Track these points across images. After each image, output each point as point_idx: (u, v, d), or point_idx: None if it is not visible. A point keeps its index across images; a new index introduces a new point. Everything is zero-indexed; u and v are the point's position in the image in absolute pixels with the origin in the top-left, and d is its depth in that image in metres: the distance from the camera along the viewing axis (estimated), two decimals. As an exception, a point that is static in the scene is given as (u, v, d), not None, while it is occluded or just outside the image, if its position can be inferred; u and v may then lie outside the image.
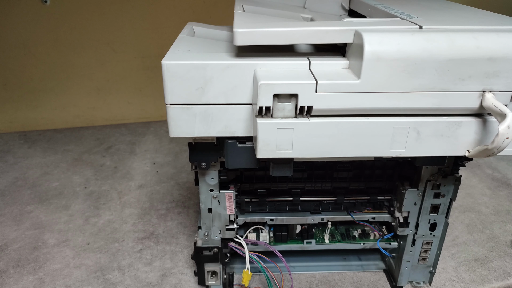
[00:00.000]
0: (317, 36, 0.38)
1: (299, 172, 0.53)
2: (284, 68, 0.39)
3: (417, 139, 0.40)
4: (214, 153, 0.46)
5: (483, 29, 0.38)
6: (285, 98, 0.37)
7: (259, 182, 0.54)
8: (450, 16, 0.45)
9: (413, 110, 0.39)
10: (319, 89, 0.37)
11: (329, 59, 0.40)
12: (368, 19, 0.43)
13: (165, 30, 0.47)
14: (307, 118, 0.38)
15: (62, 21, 1.00)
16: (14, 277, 0.58)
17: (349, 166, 0.53)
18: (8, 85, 1.04)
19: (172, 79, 0.39)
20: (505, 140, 0.36)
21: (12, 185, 0.82)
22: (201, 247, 0.53)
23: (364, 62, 0.36)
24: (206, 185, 0.50)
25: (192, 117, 0.41)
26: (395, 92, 0.37)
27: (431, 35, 0.37)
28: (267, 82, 0.36)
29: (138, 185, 0.83)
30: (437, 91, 0.38)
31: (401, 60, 0.36)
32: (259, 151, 0.39)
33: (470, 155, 0.40)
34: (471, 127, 0.39)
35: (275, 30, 0.38)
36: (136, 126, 1.12)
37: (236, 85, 0.39)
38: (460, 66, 0.37)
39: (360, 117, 0.39)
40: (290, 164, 0.43)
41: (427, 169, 0.50)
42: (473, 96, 0.38)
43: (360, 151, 0.40)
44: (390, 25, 0.40)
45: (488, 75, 0.37)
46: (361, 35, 0.36)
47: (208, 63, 0.38)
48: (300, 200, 0.54)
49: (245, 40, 0.38)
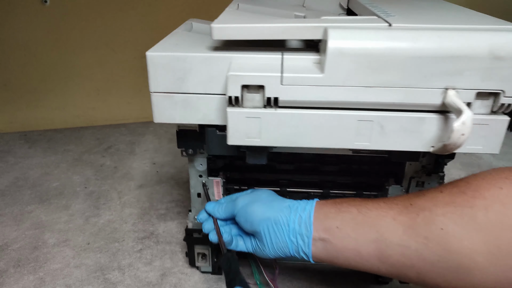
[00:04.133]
0: (289, 32, 0.41)
1: (287, 164, 0.55)
2: (257, 62, 0.42)
3: (381, 133, 0.41)
4: (198, 140, 0.49)
5: (451, 28, 0.40)
6: (254, 89, 0.41)
7: (248, 172, 0.56)
8: (431, 16, 0.47)
9: (377, 105, 0.41)
10: (284, 81, 0.39)
11: (302, 54, 0.42)
12: (343, 17, 0.45)
13: (165, 30, 0.48)
14: (274, 109, 0.41)
15: (62, 21, 1.01)
16: (14, 277, 0.59)
17: (336, 160, 0.55)
18: (8, 85, 1.04)
19: (155, 69, 0.42)
20: (461, 136, 0.37)
21: (13, 185, 0.83)
22: (192, 229, 0.56)
23: (327, 57, 0.38)
24: (195, 171, 0.53)
25: (174, 104, 0.44)
26: (358, 86, 0.39)
27: (395, 32, 0.39)
28: (235, 73, 0.40)
29: (138, 185, 0.83)
30: (400, 87, 0.39)
31: (364, 56, 0.38)
32: (229, 138, 0.42)
33: (434, 151, 0.41)
34: (435, 124, 0.41)
35: (248, 26, 0.41)
36: (136, 126, 1.13)
37: (213, 76, 0.42)
38: (422, 63, 0.38)
39: (325, 110, 0.41)
40: (264, 153, 0.46)
41: (411, 166, 0.51)
42: (436, 93, 0.39)
43: (325, 142, 0.42)
44: (362, 22, 0.42)
45: (451, 73, 0.38)
46: (327, 31, 0.39)
47: (187, 55, 0.42)
48: (287, 191, 0.55)
49: (221, 34, 0.41)
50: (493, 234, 0.35)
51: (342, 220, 0.42)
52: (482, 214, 0.35)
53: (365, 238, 0.40)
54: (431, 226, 0.37)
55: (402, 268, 0.39)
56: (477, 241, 0.35)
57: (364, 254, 0.41)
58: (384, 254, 0.40)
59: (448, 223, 0.36)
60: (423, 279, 0.39)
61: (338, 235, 0.42)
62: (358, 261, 0.41)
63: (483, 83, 0.38)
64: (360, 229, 0.41)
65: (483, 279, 0.35)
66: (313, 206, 0.44)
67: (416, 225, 0.38)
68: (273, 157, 0.55)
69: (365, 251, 0.40)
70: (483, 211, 0.35)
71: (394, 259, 0.39)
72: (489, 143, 0.41)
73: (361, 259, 0.41)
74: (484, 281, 0.35)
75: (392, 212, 0.40)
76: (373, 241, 0.40)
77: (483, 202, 0.36)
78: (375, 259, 0.40)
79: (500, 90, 0.39)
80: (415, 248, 0.38)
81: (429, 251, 0.37)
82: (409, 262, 0.38)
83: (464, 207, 0.36)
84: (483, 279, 0.35)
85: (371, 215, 0.41)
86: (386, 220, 0.40)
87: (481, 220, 0.35)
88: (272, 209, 0.45)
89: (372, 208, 0.41)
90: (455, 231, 0.36)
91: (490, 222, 0.35)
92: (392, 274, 0.41)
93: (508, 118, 0.40)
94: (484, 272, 0.35)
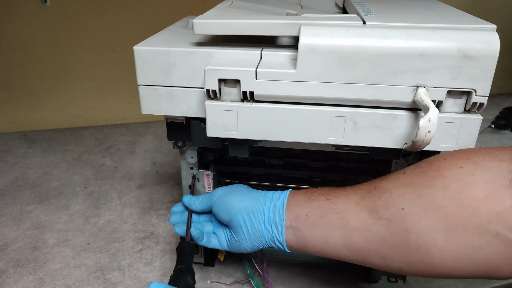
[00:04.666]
0: (266, 28, 0.43)
1: (276, 159, 0.57)
2: (237, 57, 0.44)
3: (354, 129, 0.43)
4: (186, 132, 0.51)
5: (423, 27, 0.41)
6: (231, 83, 0.43)
7: (239, 166, 0.58)
8: (412, 15, 0.48)
9: (349, 101, 0.42)
10: (259, 76, 0.42)
11: (281, 50, 0.44)
12: (323, 15, 0.47)
13: (165, 30, 0.49)
14: (251, 103, 0.43)
15: (62, 21, 1.02)
16: (14, 277, 0.59)
17: (324, 157, 0.56)
18: (8, 85, 1.05)
19: (141, 63, 0.45)
20: (427, 133, 0.39)
21: (12, 185, 0.83)
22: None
23: (299, 53, 0.40)
24: (186, 163, 0.55)
25: (159, 97, 0.47)
26: (329, 82, 0.41)
27: (366, 30, 0.40)
28: (212, 67, 0.42)
29: (138, 185, 0.84)
30: (371, 83, 0.41)
31: (334, 53, 0.40)
32: (208, 130, 0.45)
33: (407, 148, 0.42)
34: (407, 121, 0.42)
35: (226, 22, 0.43)
36: (136, 126, 1.14)
37: (196, 70, 0.44)
38: (392, 60, 0.39)
39: (299, 105, 0.43)
40: (245, 146, 0.48)
41: (397, 164, 0.52)
42: (407, 90, 0.41)
43: (300, 137, 0.44)
44: (338, 20, 0.43)
45: (420, 70, 0.39)
46: (300, 28, 0.41)
47: (171, 49, 0.44)
48: (276, 185, 0.57)
49: (202, 30, 0.44)
50: (451, 211, 0.36)
51: (310, 208, 0.43)
52: (440, 193, 0.36)
53: (331, 225, 0.42)
54: (391, 208, 0.38)
55: (367, 253, 0.41)
56: (435, 220, 0.36)
57: (331, 242, 0.42)
58: (349, 241, 0.41)
59: (406, 203, 0.38)
60: (387, 264, 0.40)
61: (306, 222, 0.43)
62: (326, 249, 0.43)
63: (453, 81, 0.40)
64: (327, 217, 0.42)
65: (443, 259, 0.37)
66: (286, 195, 0.46)
67: (377, 208, 0.39)
68: (263, 151, 0.57)
69: (332, 238, 0.42)
70: (442, 190, 0.36)
71: (359, 245, 0.41)
72: (463, 141, 0.42)
73: (328, 247, 0.43)
74: (444, 261, 0.37)
75: (357, 197, 0.42)
76: (338, 228, 0.42)
77: (443, 181, 0.37)
78: (341, 246, 0.42)
79: (471, 89, 0.40)
80: (378, 232, 0.39)
81: (390, 233, 0.38)
82: (372, 246, 0.40)
83: (423, 187, 0.37)
84: (443, 258, 0.37)
85: (337, 202, 0.42)
86: (350, 206, 0.41)
87: (438, 199, 0.36)
88: (249, 198, 0.47)
89: (339, 195, 0.43)
90: (413, 211, 0.37)
91: (448, 200, 0.36)
92: (359, 260, 0.43)
93: (481, 117, 0.41)
94: (443, 251, 0.36)
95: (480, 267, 0.35)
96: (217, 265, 0.62)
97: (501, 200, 0.34)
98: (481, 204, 0.34)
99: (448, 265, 0.36)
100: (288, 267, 0.62)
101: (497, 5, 1.32)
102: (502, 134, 1.10)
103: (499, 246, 0.34)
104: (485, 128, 1.10)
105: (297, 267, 0.62)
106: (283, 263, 0.62)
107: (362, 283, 0.59)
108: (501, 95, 1.42)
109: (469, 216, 0.35)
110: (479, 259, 0.35)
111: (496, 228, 0.34)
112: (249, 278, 0.58)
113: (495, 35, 0.39)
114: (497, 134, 1.11)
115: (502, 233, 0.33)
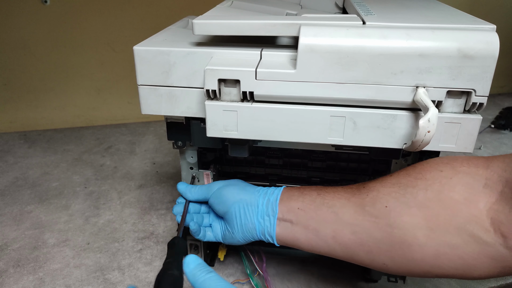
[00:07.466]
0: (266, 28, 0.43)
1: (276, 158, 0.58)
2: (237, 57, 0.44)
3: (354, 129, 0.43)
4: (186, 132, 0.51)
5: (423, 27, 0.41)
6: (231, 83, 0.43)
7: (239, 165, 0.59)
8: (412, 15, 0.48)
9: (349, 101, 0.42)
10: (258, 76, 0.42)
11: (281, 50, 0.44)
12: (321, 15, 0.47)
13: (165, 30, 0.49)
14: (250, 103, 0.43)
15: (62, 21, 1.02)
16: (14, 277, 0.59)
17: (323, 157, 0.57)
18: (8, 85, 1.05)
19: (141, 63, 0.45)
20: (427, 133, 0.39)
21: (12, 185, 0.83)
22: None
23: (299, 53, 0.40)
24: (186, 163, 0.56)
25: (159, 97, 0.47)
26: (329, 82, 0.41)
27: (365, 30, 0.40)
28: (212, 67, 0.42)
29: (138, 185, 0.84)
30: (371, 84, 0.41)
31: (334, 53, 0.40)
32: (208, 130, 0.45)
33: (406, 148, 0.43)
34: (407, 121, 0.42)
35: (227, 22, 0.43)
36: (136, 126, 1.14)
37: (196, 70, 0.44)
38: (391, 61, 0.39)
39: (299, 105, 0.43)
40: (245, 146, 0.49)
41: (396, 164, 0.52)
42: (407, 90, 0.41)
43: (299, 137, 0.44)
44: (338, 20, 0.44)
45: (420, 70, 0.40)
46: (300, 28, 0.41)
47: (171, 49, 0.44)
48: (276, 185, 0.56)
49: (201, 30, 0.44)
50: (432, 211, 0.39)
51: (303, 202, 0.46)
52: (423, 193, 0.39)
53: (323, 219, 0.44)
54: (377, 204, 0.41)
55: (355, 248, 0.43)
56: (417, 217, 0.39)
57: (322, 235, 0.44)
58: (339, 234, 0.43)
59: (391, 200, 0.41)
60: (373, 259, 0.42)
61: (299, 215, 0.45)
62: (317, 242, 0.45)
63: (453, 81, 0.40)
64: (319, 210, 0.45)
65: (423, 255, 0.39)
66: (280, 190, 0.48)
67: (365, 204, 0.42)
68: (262, 151, 0.57)
69: (323, 231, 0.44)
70: (424, 190, 0.39)
71: (347, 238, 0.43)
72: (462, 141, 0.42)
73: (319, 240, 0.45)
74: (423, 257, 0.39)
75: (347, 194, 0.44)
76: (329, 222, 0.44)
77: (425, 183, 0.40)
78: (331, 239, 0.44)
79: (470, 89, 0.40)
80: (365, 226, 0.42)
81: (376, 227, 0.41)
82: (359, 240, 0.42)
83: (408, 186, 0.40)
84: (423, 254, 0.39)
85: (329, 197, 0.45)
86: (341, 201, 0.44)
87: (421, 198, 0.39)
88: (246, 192, 0.49)
89: (330, 192, 0.46)
90: (397, 207, 0.40)
91: (429, 200, 0.39)
92: (347, 255, 0.44)
93: (480, 117, 0.41)
94: (423, 248, 0.39)
95: (457, 265, 0.38)
96: (217, 265, 0.62)
97: (477, 203, 0.37)
98: (461, 206, 0.37)
99: (428, 261, 0.39)
100: (287, 266, 0.62)
101: (497, 5, 1.32)
102: (502, 134, 1.11)
103: (474, 246, 0.37)
104: (484, 128, 1.10)
105: (295, 265, 0.62)
106: (281, 261, 0.62)
107: (361, 283, 0.59)
108: (501, 95, 1.43)
109: (451, 216, 0.38)
110: (456, 257, 0.38)
111: (472, 229, 0.37)
112: (249, 278, 0.58)
113: (495, 35, 0.39)
114: (497, 134, 1.11)
115: (476, 234, 0.36)
